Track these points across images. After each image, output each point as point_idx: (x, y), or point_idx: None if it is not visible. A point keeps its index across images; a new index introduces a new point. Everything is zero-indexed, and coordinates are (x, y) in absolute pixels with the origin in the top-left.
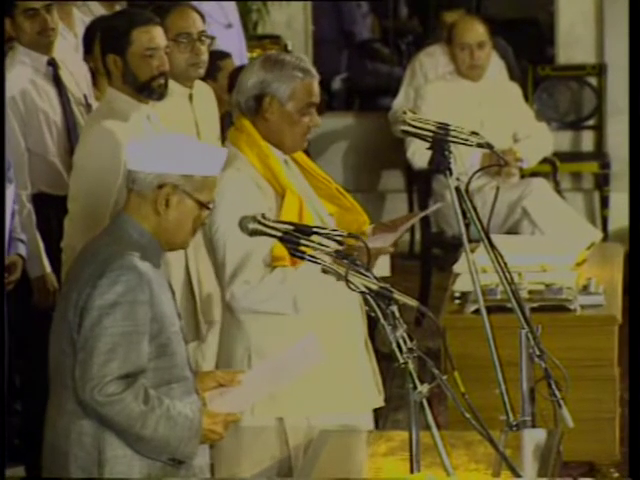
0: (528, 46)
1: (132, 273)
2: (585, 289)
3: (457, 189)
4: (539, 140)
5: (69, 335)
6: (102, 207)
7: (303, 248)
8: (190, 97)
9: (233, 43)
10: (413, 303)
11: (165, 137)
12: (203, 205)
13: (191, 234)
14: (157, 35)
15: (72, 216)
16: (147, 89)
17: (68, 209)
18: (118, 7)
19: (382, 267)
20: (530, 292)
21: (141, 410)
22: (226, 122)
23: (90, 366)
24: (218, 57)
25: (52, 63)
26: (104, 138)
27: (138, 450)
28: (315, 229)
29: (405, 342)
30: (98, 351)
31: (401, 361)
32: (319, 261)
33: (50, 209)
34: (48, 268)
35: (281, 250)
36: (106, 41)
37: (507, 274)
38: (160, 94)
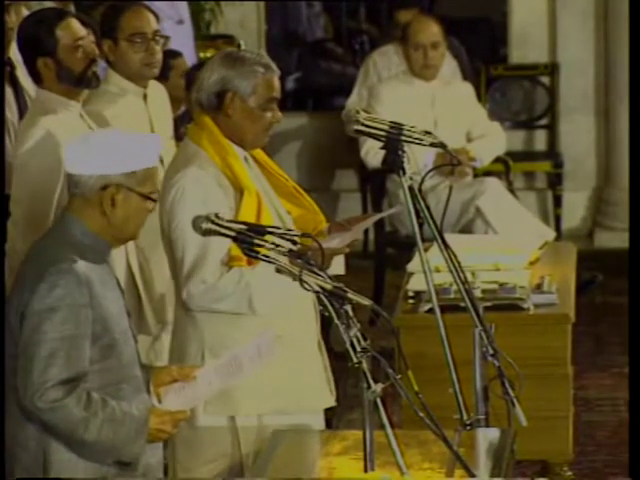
0: (481, 46)
1: (70, 276)
2: (538, 288)
3: (410, 188)
4: (492, 139)
5: (12, 339)
6: (45, 209)
7: (257, 248)
8: (144, 97)
9: (185, 39)
10: (367, 302)
11: (100, 137)
12: (148, 197)
13: (140, 226)
14: (77, 25)
15: (15, 219)
16: (84, 79)
17: (11, 212)
18: (72, 7)
19: (337, 266)
20: (483, 291)
21: (83, 416)
22: (182, 120)
23: (30, 372)
24: (170, 56)
25: (9, 63)
26: (43, 138)
27: (82, 455)
28: (269, 229)
29: (359, 341)
30: (38, 357)
31: (355, 360)
32: (273, 261)
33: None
34: None
35: (239, 250)
36: (31, 47)
37: (460, 273)
38: (97, 80)
